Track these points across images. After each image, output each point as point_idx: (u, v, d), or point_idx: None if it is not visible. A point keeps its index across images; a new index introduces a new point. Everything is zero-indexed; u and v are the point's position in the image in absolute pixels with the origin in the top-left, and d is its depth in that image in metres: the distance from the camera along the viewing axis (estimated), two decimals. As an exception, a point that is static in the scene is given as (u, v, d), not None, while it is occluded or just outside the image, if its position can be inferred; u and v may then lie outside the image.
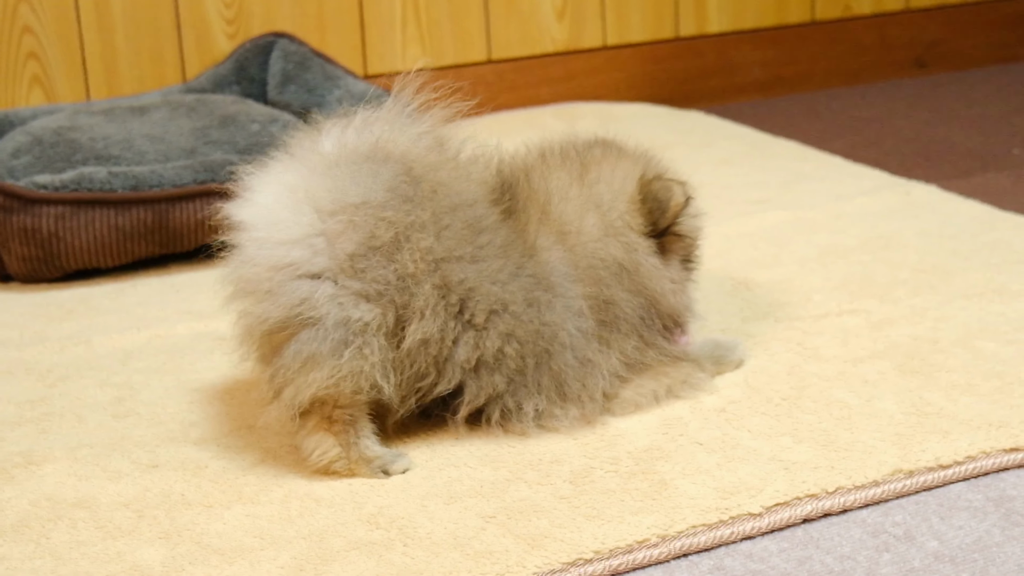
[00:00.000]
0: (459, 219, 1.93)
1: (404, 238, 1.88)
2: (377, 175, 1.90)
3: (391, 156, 1.93)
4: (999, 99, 3.90)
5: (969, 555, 1.66)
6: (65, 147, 2.84)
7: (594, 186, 2.07)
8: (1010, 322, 2.27)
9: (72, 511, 1.83)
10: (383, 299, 1.87)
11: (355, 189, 1.89)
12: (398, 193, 1.90)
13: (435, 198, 1.92)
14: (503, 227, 1.97)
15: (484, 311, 1.92)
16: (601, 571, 1.66)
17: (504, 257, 1.95)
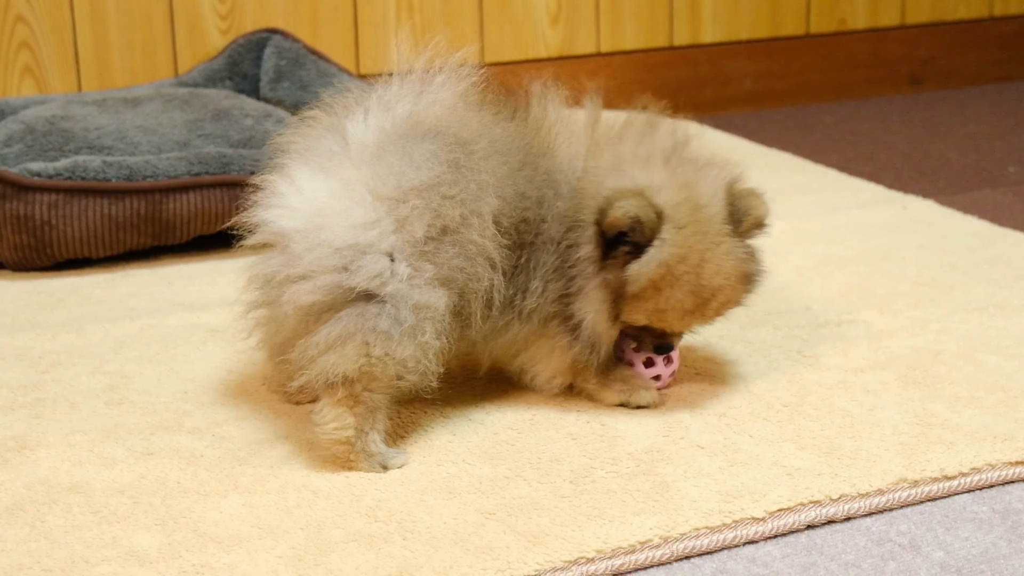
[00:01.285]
0: (497, 160, 1.92)
1: (471, 212, 1.87)
2: (431, 153, 1.87)
3: (435, 129, 1.90)
4: (994, 117, 3.90)
5: (976, 566, 1.65)
6: (58, 136, 2.82)
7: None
8: (1012, 336, 2.26)
9: (67, 495, 1.80)
10: (454, 283, 1.87)
11: (413, 172, 1.86)
12: (456, 166, 1.88)
13: (490, 157, 1.91)
14: (519, 139, 1.98)
15: (530, 232, 1.96)
16: (603, 571, 1.65)
17: (535, 178, 1.97)
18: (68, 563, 1.65)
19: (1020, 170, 3.35)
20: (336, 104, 1.98)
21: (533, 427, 1.99)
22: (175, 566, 1.64)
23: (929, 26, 4.27)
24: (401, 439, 1.96)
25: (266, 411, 2.05)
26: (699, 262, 1.94)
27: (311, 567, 1.64)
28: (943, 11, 4.27)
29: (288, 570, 1.63)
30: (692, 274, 1.94)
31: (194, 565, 1.65)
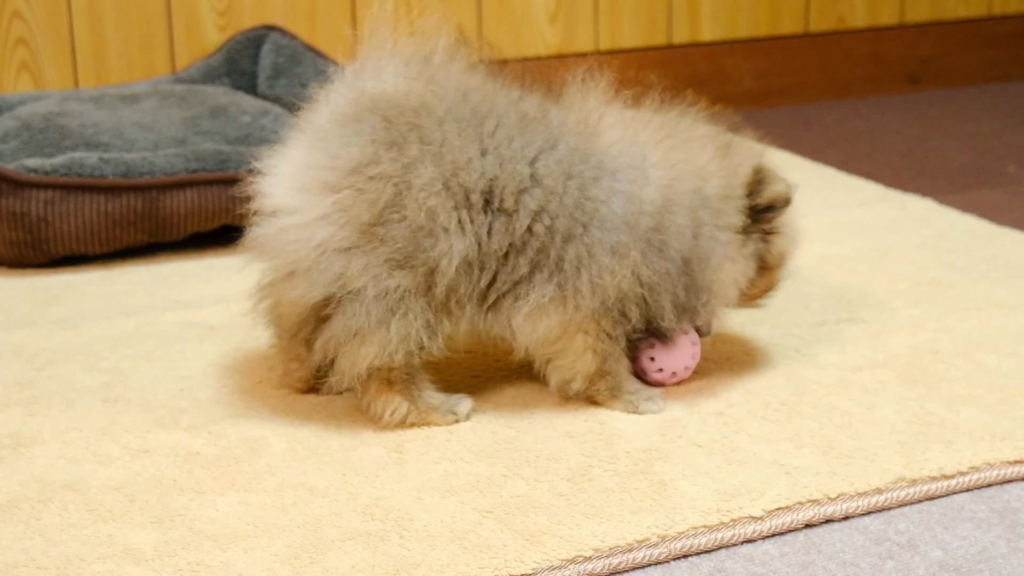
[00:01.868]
0: (452, 126, 1.91)
1: (405, 187, 1.88)
2: (358, 132, 1.90)
3: (370, 106, 1.92)
4: (992, 116, 3.90)
5: (974, 565, 1.64)
6: (54, 133, 2.81)
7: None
8: (1010, 335, 2.25)
9: (62, 493, 1.80)
10: (414, 260, 1.88)
11: (346, 153, 1.89)
12: (381, 143, 1.89)
13: (417, 126, 1.90)
14: (516, 105, 1.94)
15: (512, 193, 1.91)
16: (601, 569, 1.64)
17: (526, 133, 1.92)
18: (63, 561, 1.64)
19: (1019, 169, 3.35)
20: (334, 79, 2.01)
21: (531, 426, 1.98)
22: (171, 564, 1.64)
23: (928, 25, 4.26)
24: (398, 436, 1.95)
25: (263, 409, 2.04)
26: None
27: (307, 565, 1.63)
28: (942, 10, 4.26)
29: (284, 568, 1.63)
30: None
31: (190, 563, 1.64)
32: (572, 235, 1.92)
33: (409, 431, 1.96)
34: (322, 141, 1.92)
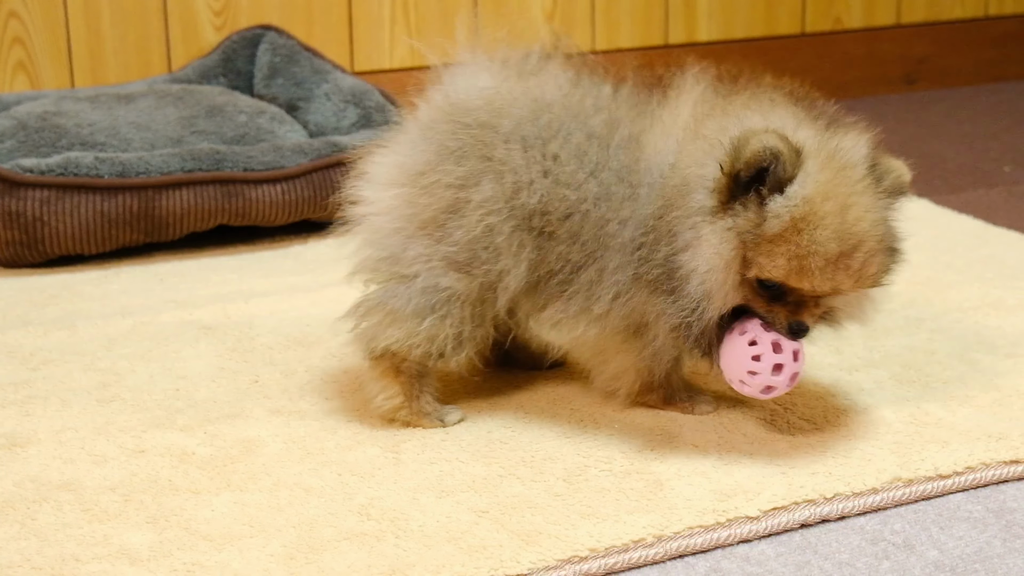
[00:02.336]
0: (516, 145, 1.90)
1: (464, 199, 1.90)
2: (428, 139, 1.93)
3: (445, 113, 1.94)
4: (988, 117, 3.90)
5: (970, 565, 1.64)
6: (50, 132, 2.81)
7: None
8: (1006, 336, 2.25)
9: (57, 493, 1.79)
10: (472, 267, 1.89)
11: (414, 157, 1.93)
12: (445, 151, 1.91)
13: (481, 141, 1.90)
14: (586, 123, 1.90)
15: (559, 218, 1.89)
16: (596, 569, 1.64)
17: (584, 155, 1.89)
18: (58, 561, 1.64)
19: (1015, 170, 3.35)
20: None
21: (527, 426, 1.98)
22: (166, 564, 1.64)
23: (924, 25, 4.26)
24: (394, 436, 1.95)
25: (258, 409, 2.04)
26: (844, 204, 1.77)
27: (303, 565, 1.63)
28: (938, 11, 4.26)
29: (280, 568, 1.63)
30: (837, 215, 1.76)
31: (185, 563, 1.64)
32: (594, 257, 1.89)
33: (405, 432, 1.96)
34: (402, 143, 1.97)
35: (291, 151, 2.82)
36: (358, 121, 3.03)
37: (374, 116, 3.03)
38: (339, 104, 3.09)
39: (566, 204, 1.88)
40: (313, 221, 2.87)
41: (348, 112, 3.06)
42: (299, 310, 2.42)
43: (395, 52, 3.68)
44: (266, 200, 2.77)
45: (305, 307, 2.43)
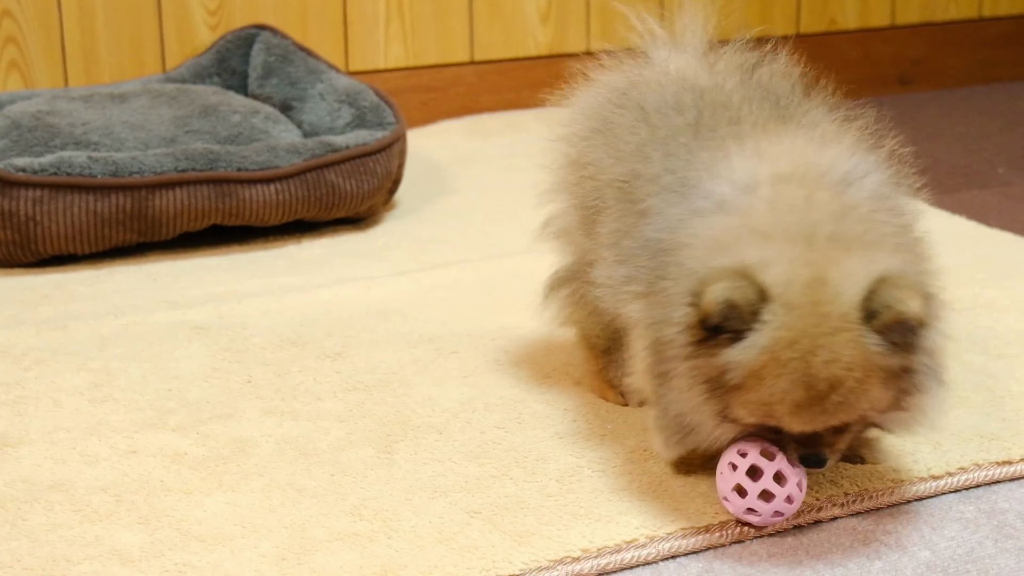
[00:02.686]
0: (645, 134, 1.88)
1: (593, 182, 1.95)
2: (576, 120, 2.05)
3: (603, 93, 2.02)
4: (983, 118, 3.90)
5: (962, 566, 1.64)
6: (44, 132, 2.80)
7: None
8: (999, 336, 2.25)
9: (49, 494, 1.79)
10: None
11: (567, 136, 2.06)
12: (585, 132, 1.99)
13: (610, 124, 1.94)
14: (709, 132, 1.83)
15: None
16: (589, 570, 1.64)
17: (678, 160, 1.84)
18: (49, 562, 1.64)
19: (1009, 171, 3.35)
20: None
21: (520, 426, 1.98)
22: (158, 565, 1.64)
23: (919, 26, 4.26)
24: (387, 437, 1.95)
25: (251, 409, 2.04)
26: (811, 348, 1.60)
27: (295, 566, 1.63)
28: (933, 12, 4.26)
29: (272, 569, 1.63)
30: (801, 361, 1.60)
31: (177, 564, 1.64)
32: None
33: (398, 432, 1.96)
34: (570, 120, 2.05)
35: (285, 151, 2.82)
36: (352, 121, 3.03)
37: (368, 116, 3.03)
38: (333, 104, 3.09)
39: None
40: (307, 221, 2.87)
41: (342, 112, 3.06)
42: (293, 310, 2.42)
43: (390, 52, 3.68)
44: (260, 200, 2.76)
45: (299, 307, 2.43)
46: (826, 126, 1.84)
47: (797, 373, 1.60)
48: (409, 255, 2.74)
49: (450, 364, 2.18)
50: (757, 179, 1.70)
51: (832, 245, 1.64)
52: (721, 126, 1.81)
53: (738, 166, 1.72)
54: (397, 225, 2.94)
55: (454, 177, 3.27)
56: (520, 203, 3.05)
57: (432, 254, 2.74)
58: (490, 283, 2.54)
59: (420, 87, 3.72)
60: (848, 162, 1.75)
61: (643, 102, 1.90)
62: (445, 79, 3.76)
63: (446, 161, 3.37)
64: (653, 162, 1.82)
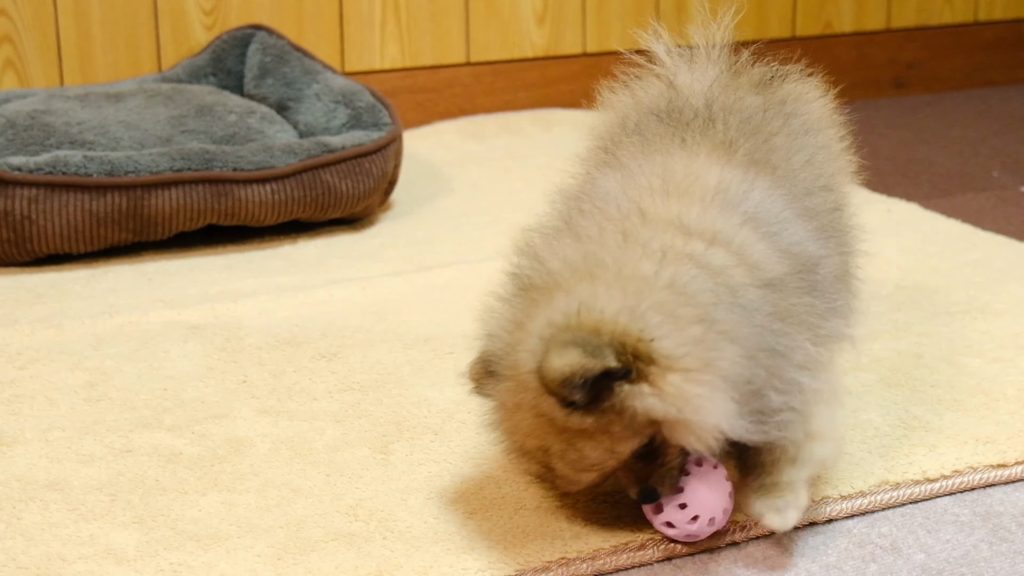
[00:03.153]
0: (635, 144, 1.86)
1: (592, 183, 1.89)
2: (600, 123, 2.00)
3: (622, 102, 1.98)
4: (978, 122, 3.90)
5: (956, 569, 1.65)
6: (39, 131, 2.80)
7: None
8: (994, 340, 2.26)
9: (44, 492, 1.79)
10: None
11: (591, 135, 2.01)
12: (599, 137, 1.95)
13: (608, 135, 1.93)
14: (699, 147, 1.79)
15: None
16: (585, 571, 1.64)
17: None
18: (44, 561, 1.64)
19: (1004, 174, 3.36)
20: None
21: (515, 427, 1.98)
22: (152, 564, 1.63)
23: (914, 30, 4.27)
24: (383, 438, 1.95)
25: (246, 409, 2.04)
26: (515, 410, 1.61)
27: (290, 566, 1.63)
28: (928, 15, 4.27)
29: (267, 569, 1.62)
30: (510, 426, 1.65)
31: (172, 563, 1.64)
32: None
33: (394, 433, 1.96)
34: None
35: (281, 151, 2.82)
36: (348, 122, 3.03)
37: (364, 117, 3.03)
38: (329, 104, 3.09)
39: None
40: (303, 221, 2.87)
41: (338, 112, 3.06)
42: (288, 310, 2.42)
43: (386, 53, 3.68)
44: (255, 200, 2.76)
45: (294, 307, 2.43)
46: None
47: (511, 441, 1.65)
48: (405, 256, 2.74)
49: (446, 365, 2.18)
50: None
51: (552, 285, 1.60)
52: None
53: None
54: (393, 226, 2.94)
55: (450, 178, 3.27)
56: (516, 204, 3.07)
57: (428, 255, 2.74)
58: (486, 284, 2.53)
59: (416, 88, 3.72)
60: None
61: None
62: (441, 80, 3.76)
63: (442, 162, 3.37)
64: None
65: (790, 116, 1.87)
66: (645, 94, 1.94)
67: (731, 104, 1.84)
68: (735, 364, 1.54)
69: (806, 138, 1.87)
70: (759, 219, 1.66)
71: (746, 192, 1.68)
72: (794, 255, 1.66)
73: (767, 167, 1.75)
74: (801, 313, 1.63)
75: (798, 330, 1.62)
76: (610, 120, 1.95)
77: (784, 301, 1.62)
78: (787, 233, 1.68)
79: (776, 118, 1.84)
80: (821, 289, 1.68)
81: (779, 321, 1.60)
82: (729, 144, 1.75)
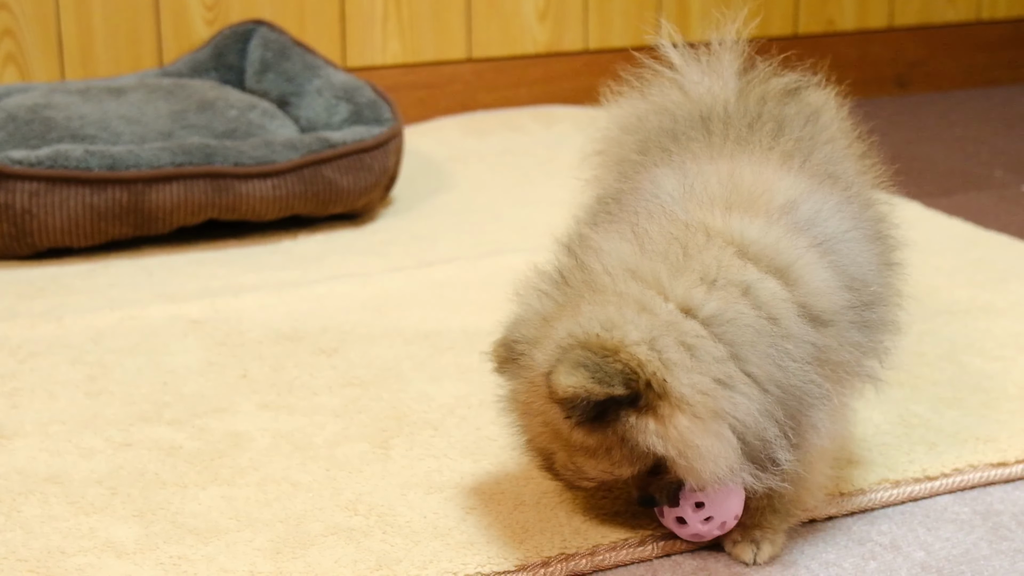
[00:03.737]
0: (631, 148, 1.92)
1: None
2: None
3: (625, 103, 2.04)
4: (980, 121, 3.90)
5: (956, 567, 1.65)
6: (40, 125, 2.80)
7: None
8: (995, 339, 2.26)
9: (44, 486, 1.79)
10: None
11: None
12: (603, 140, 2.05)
13: (610, 139, 2.02)
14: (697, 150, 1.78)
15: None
16: (584, 566, 1.64)
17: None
18: (44, 553, 1.64)
19: (1006, 174, 3.35)
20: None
21: (515, 423, 1.98)
22: (152, 558, 1.63)
23: (916, 29, 4.27)
24: (382, 433, 1.95)
25: (246, 404, 2.04)
26: (528, 412, 1.62)
27: (290, 560, 1.63)
28: (930, 14, 4.27)
29: (266, 563, 1.62)
30: (525, 423, 1.65)
31: (172, 557, 1.64)
32: None
33: (394, 428, 1.96)
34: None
35: (282, 146, 2.82)
36: (349, 117, 3.03)
37: (365, 112, 3.03)
38: (330, 100, 3.09)
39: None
40: (303, 217, 2.87)
41: (339, 108, 3.06)
42: (288, 305, 2.42)
43: (387, 49, 3.68)
44: (256, 195, 2.76)
45: (294, 302, 2.43)
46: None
47: (522, 432, 1.64)
48: (405, 251, 2.74)
49: (446, 360, 2.18)
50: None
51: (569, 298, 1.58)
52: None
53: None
54: (393, 221, 2.94)
55: (450, 174, 3.27)
56: (516, 200, 3.07)
57: (428, 250, 2.74)
58: (486, 280, 2.54)
59: (417, 84, 3.72)
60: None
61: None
62: (442, 76, 3.76)
63: (443, 158, 3.37)
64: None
65: (823, 128, 1.84)
66: (687, 94, 1.90)
67: (781, 113, 1.80)
68: (749, 415, 1.51)
69: (848, 149, 1.86)
70: (827, 245, 1.61)
71: (817, 211, 1.63)
72: (855, 290, 1.62)
73: (833, 179, 1.71)
74: (843, 354, 1.59)
75: (833, 376, 1.58)
76: (649, 114, 1.91)
77: (830, 338, 1.58)
78: (853, 263, 1.63)
79: (821, 130, 1.81)
80: (872, 326, 1.64)
81: (816, 365, 1.56)
82: (793, 154, 1.71)
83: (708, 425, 1.49)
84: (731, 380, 1.50)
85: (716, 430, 1.49)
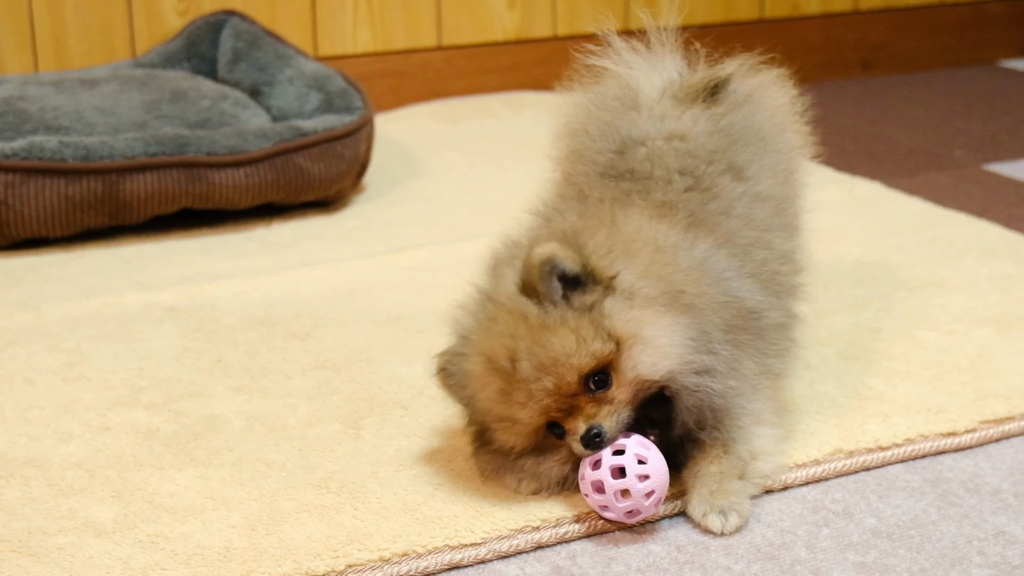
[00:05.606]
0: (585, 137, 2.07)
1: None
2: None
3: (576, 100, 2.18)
4: (942, 102, 3.96)
5: (906, 532, 1.70)
6: (14, 117, 2.84)
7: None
8: (950, 314, 2.31)
9: (23, 469, 1.84)
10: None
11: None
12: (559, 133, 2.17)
13: (568, 130, 2.14)
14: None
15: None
16: (549, 538, 1.69)
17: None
18: (25, 534, 1.69)
19: (965, 154, 3.41)
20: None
21: (482, 402, 2.02)
22: (130, 536, 1.68)
23: (881, 12, 4.32)
24: (354, 414, 2.00)
25: (221, 387, 2.09)
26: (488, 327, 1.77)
27: (264, 536, 1.68)
28: (895, -4, 4.33)
29: (241, 539, 1.67)
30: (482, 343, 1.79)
31: (149, 535, 1.69)
32: None
33: (365, 408, 2.01)
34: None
35: (254, 135, 2.86)
36: (320, 106, 3.07)
37: (336, 101, 3.07)
38: (302, 89, 3.13)
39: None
40: (276, 204, 2.91)
41: (311, 97, 3.10)
42: (262, 291, 2.46)
43: (358, 38, 3.71)
44: (229, 184, 2.80)
45: (268, 288, 2.48)
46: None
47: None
48: (377, 237, 2.78)
49: (416, 343, 2.23)
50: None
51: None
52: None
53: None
54: (365, 208, 2.99)
55: (422, 161, 3.31)
56: (487, 186, 3.12)
57: (400, 236, 2.79)
58: (457, 264, 2.57)
59: (388, 72, 3.76)
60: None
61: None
62: (413, 64, 3.80)
63: (414, 145, 3.42)
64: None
65: (744, 129, 2.02)
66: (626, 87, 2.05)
67: (677, 151, 1.95)
68: (693, 305, 1.74)
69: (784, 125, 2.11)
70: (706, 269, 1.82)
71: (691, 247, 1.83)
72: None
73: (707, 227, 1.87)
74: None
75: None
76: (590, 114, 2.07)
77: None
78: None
79: (724, 152, 1.97)
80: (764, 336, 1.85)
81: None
82: (672, 205, 1.88)
83: (659, 308, 1.71)
84: (674, 278, 1.76)
85: (667, 314, 1.71)
